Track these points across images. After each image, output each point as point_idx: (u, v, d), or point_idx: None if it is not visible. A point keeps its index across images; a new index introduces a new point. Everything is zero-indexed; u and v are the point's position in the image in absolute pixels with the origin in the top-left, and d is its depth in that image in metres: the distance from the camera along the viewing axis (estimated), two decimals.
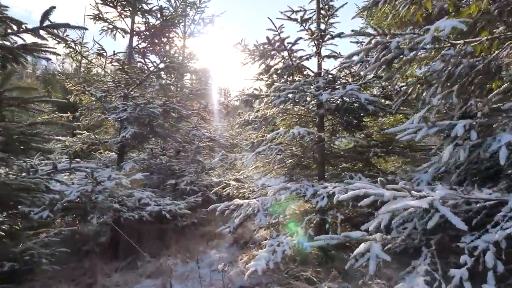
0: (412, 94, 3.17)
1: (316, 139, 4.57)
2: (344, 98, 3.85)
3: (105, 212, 4.55)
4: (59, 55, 2.64)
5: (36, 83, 12.68)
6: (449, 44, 2.64)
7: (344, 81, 4.52)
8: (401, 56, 2.58)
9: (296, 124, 5.34)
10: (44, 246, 3.19)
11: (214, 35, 8.80)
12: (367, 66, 3.22)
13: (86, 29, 2.57)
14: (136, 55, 5.71)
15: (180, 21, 7.49)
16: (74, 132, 7.43)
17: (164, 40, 6.67)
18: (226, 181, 4.78)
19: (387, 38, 2.62)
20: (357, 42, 6.68)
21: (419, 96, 3.25)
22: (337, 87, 4.46)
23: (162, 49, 5.67)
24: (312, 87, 3.96)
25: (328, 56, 4.74)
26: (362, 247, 2.27)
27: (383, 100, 4.72)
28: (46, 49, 2.77)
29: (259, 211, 3.79)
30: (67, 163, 3.36)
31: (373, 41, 2.48)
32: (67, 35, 5.15)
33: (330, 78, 4.29)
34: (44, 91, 10.13)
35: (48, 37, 5.05)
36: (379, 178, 2.41)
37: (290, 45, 4.25)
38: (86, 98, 6.04)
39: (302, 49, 4.34)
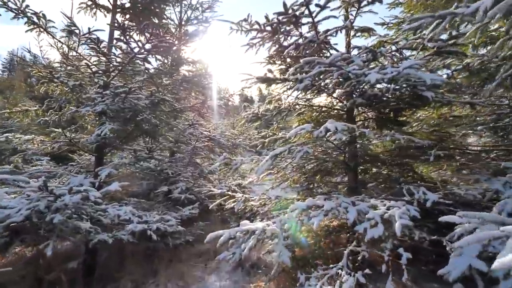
0: None
1: (347, 139, 3.36)
2: (397, 80, 2.63)
3: (69, 234, 3.30)
4: None
5: (22, 79, 11.40)
6: None
7: (386, 61, 3.31)
8: None
9: (315, 120, 4.12)
10: None
11: (214, 23, 7.62)
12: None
13: None
14: (118, 35, 4.46)
15: (175, 2, 6.25)
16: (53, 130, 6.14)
17: (156, 21, 5.42)
18: (230, 192, 3.55)
19: None
20: (383, 24, 5.49)
21: None
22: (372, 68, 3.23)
23: (150, 29, 4.42)
24: (349, 66, 2.74)
25: (362, 30, 3.52)
26: None
27: None
28: None
29: (278, 238, 2.56)
30: None
31: None
32: (27, 6, 3.89)
33: (370, 57, 3.07)
34: (25, 85, 8.84)
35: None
36: None
37: (318, 10, 3.02)
38: (60, 88, 4.79)
39: (334, 16, 3.12)
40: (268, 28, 3.81)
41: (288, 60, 4.13)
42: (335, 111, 3.89)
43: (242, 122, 3.97)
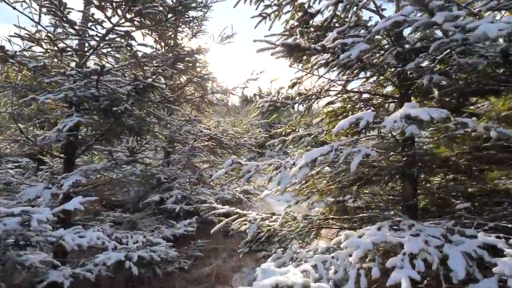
0: None
1: (402, 138, 2.32)
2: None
3: (7, 275, 2.21)
4: None
5: None
6: None
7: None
8: None
9: (350, 111, 3.06)
10: None
11: (215, 8, 6.62)
12: None
13: None
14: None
15: None
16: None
17: None
18: (238, 210, 2.49)
19: None
20: None
21: None
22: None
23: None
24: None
25: None
26: None
27: None
28: None
29: None
30: None
31: None
32: None
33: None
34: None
35: None
36: None
37: None
38: (24, 73, 3.70)
39: None
40: None
41: (314, 34, 3.07)
42: (381, 98, 2.83)
43: (255, 114, 2.90)
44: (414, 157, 2.42)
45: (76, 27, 3.09)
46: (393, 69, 2.51)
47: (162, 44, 5.49)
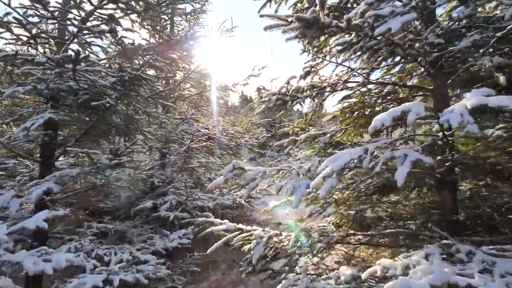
0: None
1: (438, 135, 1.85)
2: None
3: None
4: None
5: None
6: None
7: None
8: None
9: (369, 107, 2.59)
10: None
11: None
12: None
13: None
14: None
15: None
16: None
17: None
18: (241, 226, 2.03)
19: None
20: None
21: None
22: None
23: None
24: None
25: None
26: None
27: None
28: None
29: None
30: None
31: None
32: None
33: None
34: None
35: None
36: None
37: None
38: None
39: None
40: None
41: (330, 16, 2.60)
42: (407, 91, 2.37)
43: (259, 110, 2.43)
44: (455, 162, 1.96)
45: (51, 9, 2.62)
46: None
47: (157, 36, 5.04)
